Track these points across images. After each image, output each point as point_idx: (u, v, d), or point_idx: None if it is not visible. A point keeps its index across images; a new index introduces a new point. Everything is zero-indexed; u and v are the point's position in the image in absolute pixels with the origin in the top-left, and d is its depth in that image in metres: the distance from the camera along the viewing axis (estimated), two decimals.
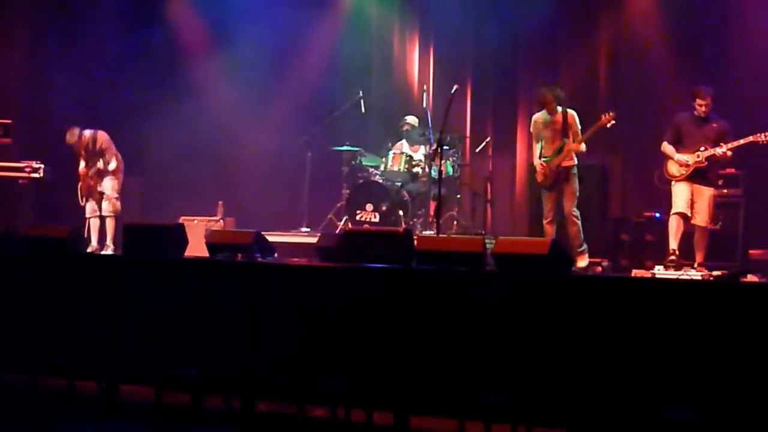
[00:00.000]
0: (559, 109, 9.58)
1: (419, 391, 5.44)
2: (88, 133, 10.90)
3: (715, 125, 9.11)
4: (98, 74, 12.57)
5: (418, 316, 5.49)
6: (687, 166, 9.09)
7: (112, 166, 10.88)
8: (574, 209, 9.48)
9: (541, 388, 5.13)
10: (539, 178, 9.67)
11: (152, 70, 12.85)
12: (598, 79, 11.91)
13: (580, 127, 9.55)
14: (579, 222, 9.45)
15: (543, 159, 9.62)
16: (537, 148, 9.77)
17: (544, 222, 9.62)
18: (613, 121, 9.41)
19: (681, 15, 11.37)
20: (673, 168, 9.22)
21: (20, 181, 11.47)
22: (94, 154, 10.89)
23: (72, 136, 10.84)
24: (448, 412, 5.38)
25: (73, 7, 12.80)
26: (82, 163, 10.94)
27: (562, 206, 9.53)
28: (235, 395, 5.99)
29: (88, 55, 12.64)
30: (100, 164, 10.86)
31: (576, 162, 9.56)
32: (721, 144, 8.98)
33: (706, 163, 9.05)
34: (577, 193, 9.53)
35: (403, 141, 11.77)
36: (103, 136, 10.91)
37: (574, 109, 9.69)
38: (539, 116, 9.74)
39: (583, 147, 9.50)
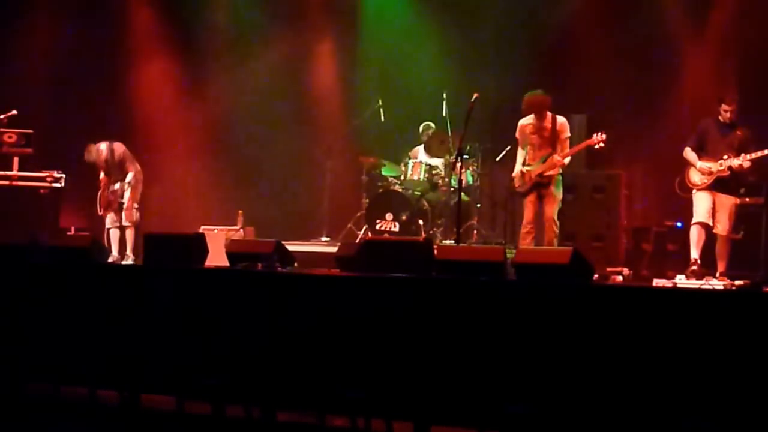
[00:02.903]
0: (549, 115, 9.30)
1: (439, 401, 5.43)
2: (104, 147, 10.90)
3: (739, 133, 9.04)
4: (116, 83, 12.64)
5: (439, 325, 5.48)
6: (709, 174, 9.04)
7: (129, 177, 10.92)
8: (555, 217, 9.15)
9: (562, 398, 5.11)
10: (516, 183, 9.39)
11: (169, 78, 12.93)
12: (617, 85, 11.86)
13: (569, 134, 9.31)
14: (557, 231, 9.12)
15: (525, 167, 9.31)
16: (521, 155, 9.42)
17: (522, 231, 9.27)
18: (602, 144, 9.18)
19: (701, 21, 11.32)
20: (695, 176, 9.17)
21: (41, 191, 11.53)
22: (114, 166, 10.93)
23: (89, 154, 10.85)
24: (468, 421, 5.35)
25: (91, 18, 12.87)
26: (102, 174, 10.99)
27: (543, 212, 9.21)
28: (256, 405, 5.99)
29: (107, 64, 12.73)
30: (118, 185, 10.90)
31: (560, 171, 9.28)
32: (740, 152, 8.93)
33: (728, 171, 8.99)
34: (560, 200, 9.23)
35: (420, 148, 11.77)
36: (119, 148, 10.94)
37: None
38: (527, 122, 9.37)
39: (566, 161, 9.24)
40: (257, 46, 13.06)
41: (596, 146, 9.28)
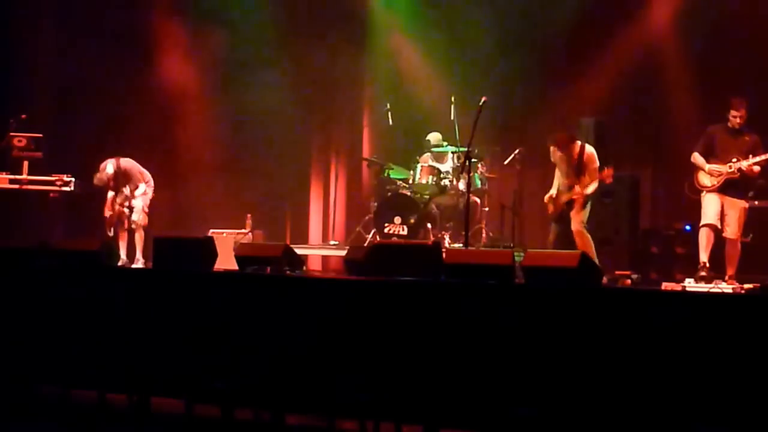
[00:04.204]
0: (578, 143, 9.46)
1: (448, 404, 5.43)
2: (110, 167, 10.89)
3: (747, 137, 9.05)
4: (127, 88, 12.68)
5: (447, 329, 5.48)
6: (719, 176, 9.03)
7: (140, 191, 10.93)
8: (582, 227, 9.29)
9: (570, 403, 5.11)
10: (549, 209, 9.64)
11: (179, 82, 12.98)
12: (626, 89, 11.85)
13: (598, 164, 9.40)
14: (587, 237, 9.23)
15: (557, 191, 9.56)
16: (557, 177, 9.67)
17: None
18: (611, 178, 9.35)
19: (711, 24, 11.30)
20: (704, 179, 9.17)
21: (51, 195, 11.58)
22: (122, 180, 10.93)
23: (101, 179, 10.85)
24: (477, 424, 5.36)
25: (101, 21, 12.92)
26: (110, 193, 10.97)
27: (571, 228, 9.38)
28: (265, 408, 6.00)
29: (117, 69, 12.79)
30: (127, 191, 10.93)
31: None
32: (749, 156, 8.93)
33: (738, 174, 8.99)
34: (587, 212, 9.36)
35: (428, 154, 11.78)
36: (128, 163, 10.94)
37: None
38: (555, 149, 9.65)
39: (588, 191, 9.37)
40: (267, 51, 13.08)
41: (606, 181, 9.41)
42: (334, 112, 13.00)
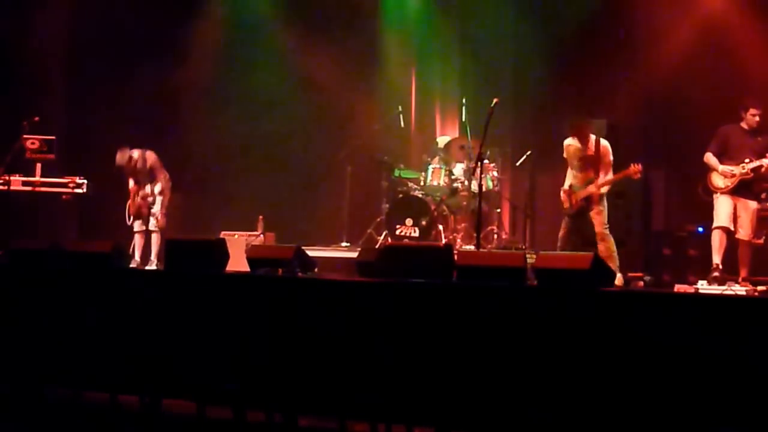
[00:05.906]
0: (593, 137, 9.42)
1: (460, 407, 5.41)
2: (136, 154, 10.95)
3: (760, 138, 9.02)
4: (138, 89, 12.70)
5: (459, 331, 5.47)
6: (732, 177, 9.00)
7: (158, 188, 10.97)
8: (604, 229, 9.25)
9: (582, 406, 5.09)
10: (564, 204, 9.55)
11: (191, 85, 13.00)
12: (638, 90, 11.82)
13: (612, 158, 9.40)
14: (610, 239, 9.20)
15: (572, 187, 9.49)
16: (570, 174, 9.61)
17: (558, 246, 9.41)
18: (639, 174, 9.25)
19: (722, 24, 11.27)
20: (717, 180, 9.13)
21: (64, 197, 11.61)
22: (144, 174, 10.97)
23: (122, 157, 10.87)
24: (488, 428, 5.34)
25: (113, 23, 12.95)
26: (132, 182, 11.02)
27: (592, 229, 9.31)
28: (277, 410, 5.99)
29: (129, 70, 12.81)
30: (148, 188, 10.97)
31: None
32: (765, 156, 8.90)
33: (752, 174, 8.96)
34: (605, 210, 9.32)
35: (439, 156, 11.76)
36: (152, 156, 10.99)
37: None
38: (570, 143, 9.56)
39: (605, 189, 9.35)
40: (277, 52, 13.10)
41: (634, 177, 9.33)
42: (346, 114, 12.99)
